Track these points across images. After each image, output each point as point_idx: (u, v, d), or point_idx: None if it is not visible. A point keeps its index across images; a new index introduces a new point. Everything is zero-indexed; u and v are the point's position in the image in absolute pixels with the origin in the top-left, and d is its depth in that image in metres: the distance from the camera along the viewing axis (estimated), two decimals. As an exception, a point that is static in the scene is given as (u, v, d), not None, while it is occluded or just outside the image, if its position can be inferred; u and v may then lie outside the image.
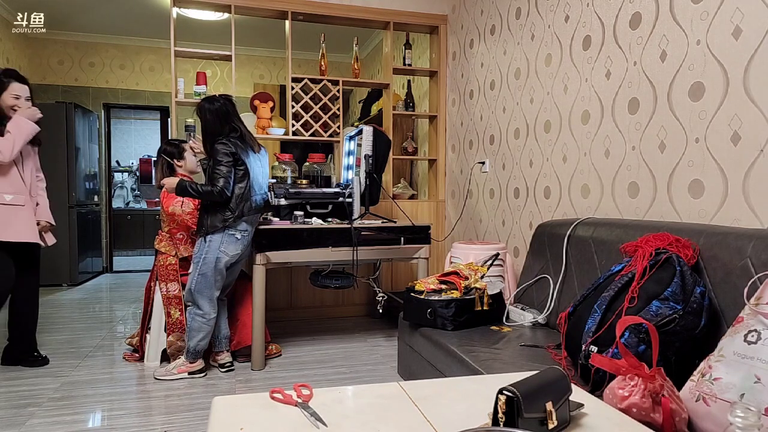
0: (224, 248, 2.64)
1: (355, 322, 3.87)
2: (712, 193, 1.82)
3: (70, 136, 5.29)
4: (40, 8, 5.23)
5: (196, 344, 2.66)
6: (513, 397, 0.87)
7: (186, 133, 3.90)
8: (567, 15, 2.62)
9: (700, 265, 1.55)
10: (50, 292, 4.98)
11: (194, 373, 2.70)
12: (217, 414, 1.03)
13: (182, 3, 3.71)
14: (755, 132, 1.66)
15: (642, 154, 2.14)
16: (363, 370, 2.81)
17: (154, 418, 2.22)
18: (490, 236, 3.46)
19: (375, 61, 6.01)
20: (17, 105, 2.57)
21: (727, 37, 1.75)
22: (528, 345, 1.89)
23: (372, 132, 3.16)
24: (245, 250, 2.74)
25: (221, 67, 6.45)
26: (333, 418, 1.00)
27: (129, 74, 6.30)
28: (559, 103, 2.70)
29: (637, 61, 2.16)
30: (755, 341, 1.12)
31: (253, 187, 2.69)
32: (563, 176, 2.69)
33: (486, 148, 3.51)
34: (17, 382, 2.59)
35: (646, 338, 1.34)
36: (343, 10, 3.87)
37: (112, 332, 3.57)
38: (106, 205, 6.37)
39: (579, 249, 2.14)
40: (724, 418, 1.06)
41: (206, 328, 2.67)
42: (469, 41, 3.73)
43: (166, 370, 2.68)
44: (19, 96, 2.59)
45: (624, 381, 1.16)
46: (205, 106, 2.64)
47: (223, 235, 2.63)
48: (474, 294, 2.19)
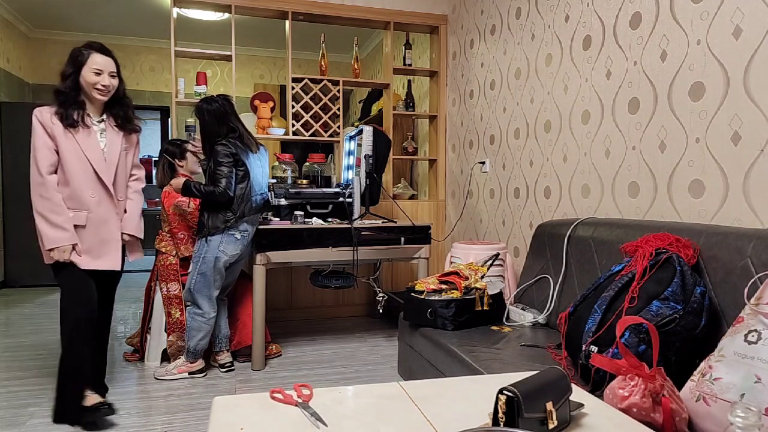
0: (223, 248, 2.64)
1: (355, 322, 3.87)
2: (712, 193, 1.82)
3: (70, 136, 5.29)
4: (40, 8, 5.24)
5: (196, 344, 2.66)
6: (513, 397, 0.87)
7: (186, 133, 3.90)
8: (567, 15, 2.62)
9: (701, 265, 1.55)
10: (50, 292, 4.98)
11: (194, 373, 2.71)
12: (217, 414, 1.03)
13: (182, 3, 3.71)
14: (755, 132, 1.66)
15: (642, 154, 2.14)
16: (363, 370, 2.81)
17: (155, 418, 2.22)
18: (491, 236, 3.46)
19: (375, 61, 6.00)
20: (100, 83, 2.07)
21: (728, 37, 1.75)
22: (528, 345, 1.89)
23: (372, 132, 3.16)
24: (245, 250, 2.74)
25: (221, 67, 6.45)
26: (333, 418, 1.00)
27: (129, 74, 6.30)
28: (559, 103, 2.70)
29: (637, 61, 2.16)
30: (755, 341, 1.12)
31: (253, 188, 2.70)
32: (563, 176, 2.68)
33: (486, 148, 3.51)
34: (17, 383, 2.59)
35: (647, 338, 1.34)
36: (343, 10, 3.87)
37: (112, 332, 3.57)
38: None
39: (579, 249, 2.14)
40: (725, 418, 1.06)
41: (206, 328, 2.67)
42: (470, 41, 3.73)
43: (166, 370, 2.68)
44: (101, 71, 2.08)
45: (624, 381, 1.16)
46: (203, 107, 2.65)
47: (223, 235, 2.63)
48: (474, 294, 2.19)
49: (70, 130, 2.04)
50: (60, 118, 2.03)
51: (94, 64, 2.07)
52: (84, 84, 2.08)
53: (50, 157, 2.02)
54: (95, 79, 2.07)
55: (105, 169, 2.12)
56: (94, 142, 2.10)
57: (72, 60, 2.07)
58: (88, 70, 2.06)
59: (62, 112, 2.03)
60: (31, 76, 5.96)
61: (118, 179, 2.18)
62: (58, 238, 2.00)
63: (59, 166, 2.05)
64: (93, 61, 2.07)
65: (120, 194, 2.20)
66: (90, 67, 2.06)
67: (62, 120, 2.03)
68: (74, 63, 2.07)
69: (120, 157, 2.18)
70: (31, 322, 3.81)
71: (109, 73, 2.11)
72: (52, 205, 2.01)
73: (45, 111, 2.04)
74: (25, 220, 5.18)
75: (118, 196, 2.19)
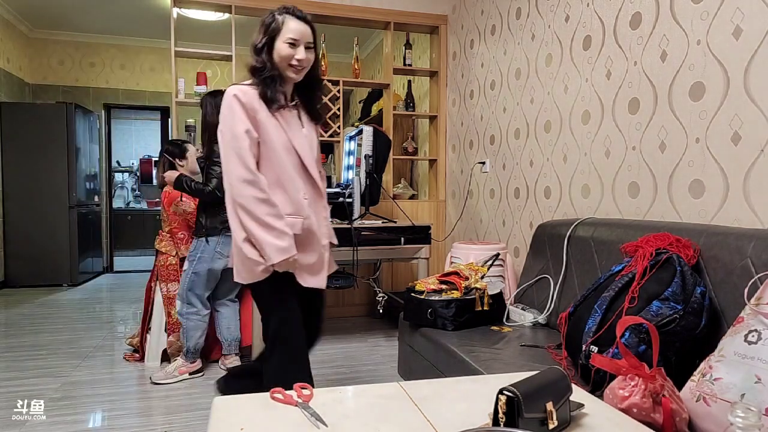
0: (221, 249, 2.64)
1: (355, 322, 3.87)
2: (712, 193, 1.82)
3: (70, 136, 5.30)
4: (40, 8, 5.24)
5: (195, 343, 2.67)
6: (513, 397, 0.87)
7: (186, 133, 3.90)
8: (567, 15, 2.62)
9: (701, 265, 1.54)
10: (50, 293, 4.98)
11: (194, 373, 2.71)
12: (217, 414, 1.03)
13: (182, 3, 3.71)
14: (756, 132, 1.66)
15: (642, 154, 2.14)
16: (363, 370, 2.81)
17: (155, 419, 2.22)
18: (491, 236, 3.46)
19: (375, 61, 6.00)
20: (296, 57, 1.62)
21: (728, 37, 1.75)
22: (528, 345, 1.89)
23: (372, 132, 3.16)
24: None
25: (222, 67, 6.45)
26: (333, 418, 1.00)
27: (129, 74, 6.30)
28: (559, 103, 2.70)
29: (637, 61, 2.16)
30: (756, 341, 1.12)
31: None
32: (563, 176, 2.68)
33: (486, 148, 3.51)
34: (17, 383, 2.59)
35: (647, 338, 1.34)
36: (343, 10, 3.87)
37: (112, 332, 3.57)
38: (106, 206, 6.37)
39: (579, 249, 2.14)
40: (725, 418, 1.06)
41: (202, 326, 2.69)
42: (470, 41, 3.73)
43: (166, 373, 2.67)
44: (296, 41, 1.62)
45: (624, 381, 1.16)
46: (207, 99, 2.66)
47: (221, 236, 2.63)
48: (474, 294, 2.18)
49: (276, 115, 1.64)
50: (265, 100, 1.62)
51: (288, 32, 1.62)
52: (277, 58, 1.64)
53: (254, 148, 1.62)
54: (289, 51, 1.62)
55: (312, 162, 1.70)
56: (298, 129, 1.69)
57: (264, 27, 1.66)
58: (282, 40, 1.62)
59: (266, 93, 1.62)
60: (31, 76, 5.96)
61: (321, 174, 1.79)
62: (287, 247, 1.59)
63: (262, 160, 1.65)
64: (288, 29, 1.62)
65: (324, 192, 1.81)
66: (284, 36, 1.62)
67: (267, 102, 1.62)
68: (266, 31, 1.66)
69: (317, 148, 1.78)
70: (31, 322, 3.81)
71: (306, 45, 1.65)
72: (270, 207, 1.60)
73: (249, 91, 1.62)
74: (26, 220, 5.19)
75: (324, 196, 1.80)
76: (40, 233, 5.23)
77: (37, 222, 5.22)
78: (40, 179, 5.22)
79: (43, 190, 5.24)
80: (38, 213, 5.22)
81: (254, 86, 1.63)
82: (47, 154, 5.24)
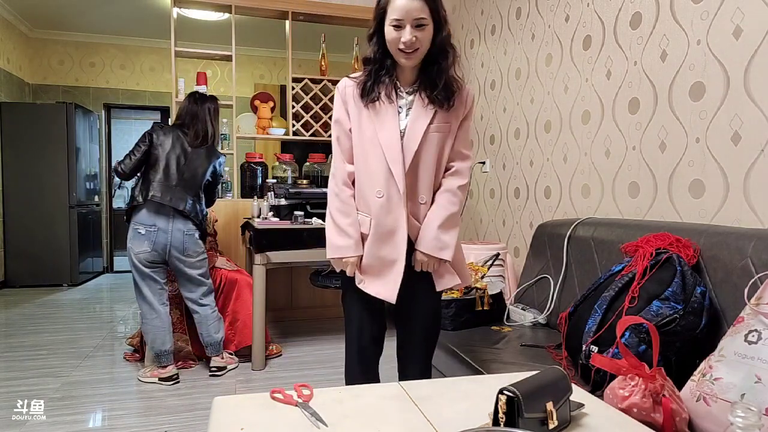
0: (131, 243, 2.50)
1: (356, 322, 3.86)
2: (712, 193, 1.82)
3: (70, 136, 5.29)
4: (40, 8, 5.24)
5: (157, 347, 2.56)
6: (513, 397, 0.87)
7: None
8: (567, 15, 2.62)
9: (701, 265, 1.54)
10: (50, 292, 4.98)
11: (164, 380, 2.56)
12: (218, 414, 1.03)
13: (182, 3, 3.71)
14: (756, 132, 1.66)
15: (642, 154, 2.14)
16: (363, 370, 2.81)
17: (155, 418, 2.22)
18: (491, 236, 3.46)
19: (375, 61, 6.00)
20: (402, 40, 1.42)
21: (728, 37, 1.75)
22: (528, 345, 1.89)
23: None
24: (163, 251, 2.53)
25: (221, 67, 6.45)
26: (333, 418, 1.00)
27: (129, 74, 6.30)
28: (559, 103, 2.70)
29: (637, 61, 2.16)
30: (756, 341, 1.12)
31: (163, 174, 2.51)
32: (563, 176, 2.68)
33: (486, 148, 3.51)
34: (17, 383, 2.59)
35: (647, 338, 1.34)
36: (343, 10, 3.87)
37: (112, 332, 3.57)
38: (106, 206, 6.37)
39: (579, 249, 2.14)
40: (725, 418, 1.06)
41: (152, 330, 2.56)
42: (470, 41, 3.73)
43: (143, 372, 2.64)
44: (400, 21, 1.42)
45: (624, 381, 1.16)
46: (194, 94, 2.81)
47: (131, 225, 2.50)
48: (474, 294, 2.19)
49: (370, 107, 1.51)
50: (361, 92, 1.52)
51: (393, 12, 1.42)
52: (387, 43, 1.47)
53: (344, 139, 1.56)
54: (394, 35, 1.44)
55: (397, 156, 1.49)
56: (391, 120, 1.51)
57: (374, 10, 1.50)
58: (388, 22, 1.44)
59: (364, 83, 1.52)
60: (31, 76, 5.95)
61: (421, 172, 1.53)
62: (342, 246, 1.53)
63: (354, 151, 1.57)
64: (392, 8, 1.43)
65: (421, 193, 1.55)
66: (389, 18, 1.44)
67: (362, 94, 1.52)
68: (375, 14, 1.49)
69: (426, 141, 1.51)
70: (31, 322, 3.81)
71: (414, 23, 1.42)
72: (340, 202, 1.55)
73: (348, 82, 1.56)
74: (26, 220, 5.19)
75: (420, 197, 1.54)
76: (40, 233, 5.23)
77: (37, 222, 5.22)
78: (40, 179, 5.22)
79: (43, 190, 5.24)
80: (38, 213, 5.22)
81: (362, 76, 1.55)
82: (47, 154, 5.24)
